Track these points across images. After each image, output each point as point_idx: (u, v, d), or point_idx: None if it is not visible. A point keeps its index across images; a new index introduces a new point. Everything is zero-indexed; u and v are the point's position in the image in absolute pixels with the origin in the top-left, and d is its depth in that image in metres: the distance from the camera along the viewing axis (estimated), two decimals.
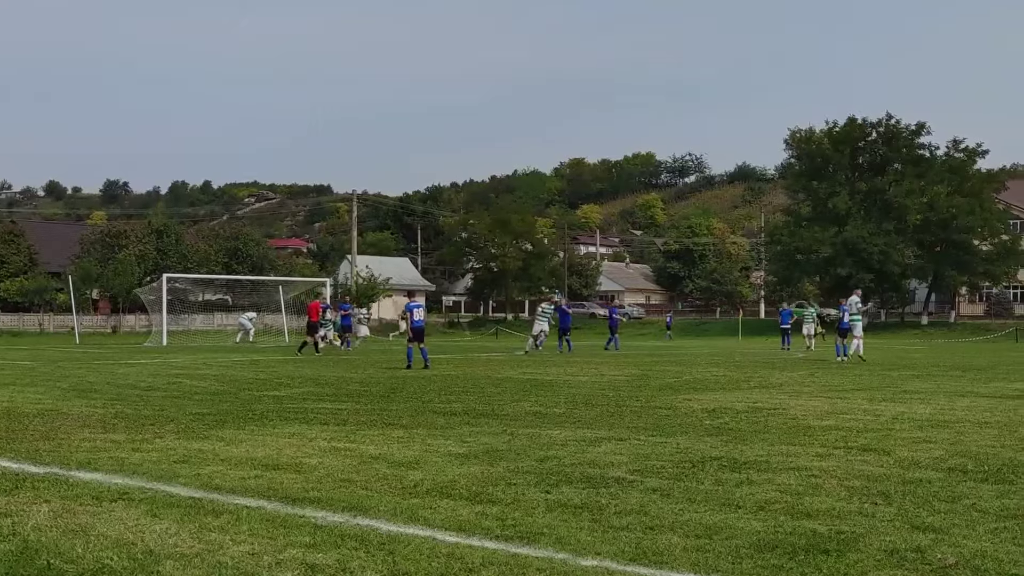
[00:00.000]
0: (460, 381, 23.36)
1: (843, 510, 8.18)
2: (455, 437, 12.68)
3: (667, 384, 22.66)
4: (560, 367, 29.75)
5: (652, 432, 13.33)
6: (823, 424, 14.47)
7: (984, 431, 13.61)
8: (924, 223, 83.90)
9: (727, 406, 17.21)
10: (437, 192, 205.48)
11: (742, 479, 9.63)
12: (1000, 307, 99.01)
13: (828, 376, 25.86)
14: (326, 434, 13.01)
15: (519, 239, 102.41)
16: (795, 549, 6.90)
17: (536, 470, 10.09)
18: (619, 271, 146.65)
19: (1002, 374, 26.85)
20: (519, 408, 16.69)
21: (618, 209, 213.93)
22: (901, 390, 21.16)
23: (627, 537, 7.25)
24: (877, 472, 10.07)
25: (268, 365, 30.56)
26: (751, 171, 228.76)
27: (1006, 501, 8.56)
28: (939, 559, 6.65)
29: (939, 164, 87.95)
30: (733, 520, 7.79)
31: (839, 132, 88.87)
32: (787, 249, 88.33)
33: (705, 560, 6.65)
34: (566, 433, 13.12)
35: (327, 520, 7.77)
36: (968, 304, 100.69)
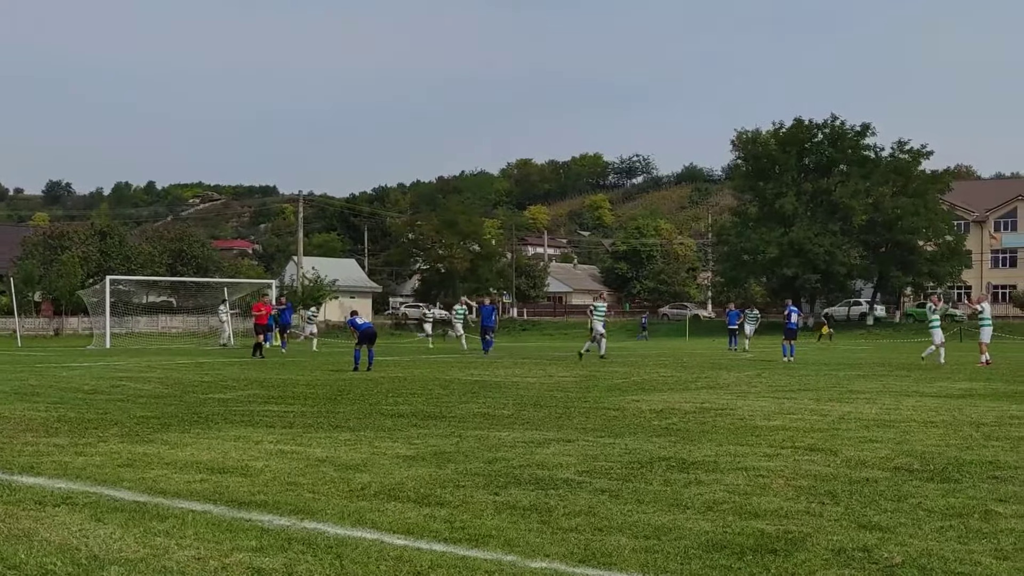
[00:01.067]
0: (408, 383, 23.28)
1: (791, 510, 8.21)
2: (403, 439, 12.62)
3: (615, 385, 22.69)
4: (508, 368, 29.72)
5: (600, 433, 13.33)
6: (771, 424, 14.53)
7: (929, 430, 13.71)
8: (869, 224, 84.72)
9: (675, 407, 17.24)
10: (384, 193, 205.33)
11: (690, 479, 9.65)
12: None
13: (775, 376, 26.00)
14: (272, 437, 12.91)
15: (466, 240, 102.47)
16: (743, 549, 6.92)
17: (484, 472, 10.06)
18: (567, 272, 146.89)
19: (947, 374, 27.10)
20: (467, 410, 16.64)
21: (566, 210, 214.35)
22: (847, 390, 21.29)
23: (576, 538, 7.24)
24: (824, 472, 10.12)
25: (213, 367, 30.32)
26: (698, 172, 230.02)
27: (951, 500, 8.62)
28: (885, 558, 6.69)
29: (884, 165, 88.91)
30: (681, 521, 7.79)
31: (785, 133, 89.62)
32: (734, 250, 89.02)
33: (654, 561, 6.66)
34: (514, 435, 13.10)
35: (274, 524, 7.72)
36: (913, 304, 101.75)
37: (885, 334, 79.90)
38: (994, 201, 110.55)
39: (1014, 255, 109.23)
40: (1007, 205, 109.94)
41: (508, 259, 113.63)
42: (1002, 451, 11.57)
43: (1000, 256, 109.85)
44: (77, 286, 72.87)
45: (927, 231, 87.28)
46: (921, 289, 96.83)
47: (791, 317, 37.32)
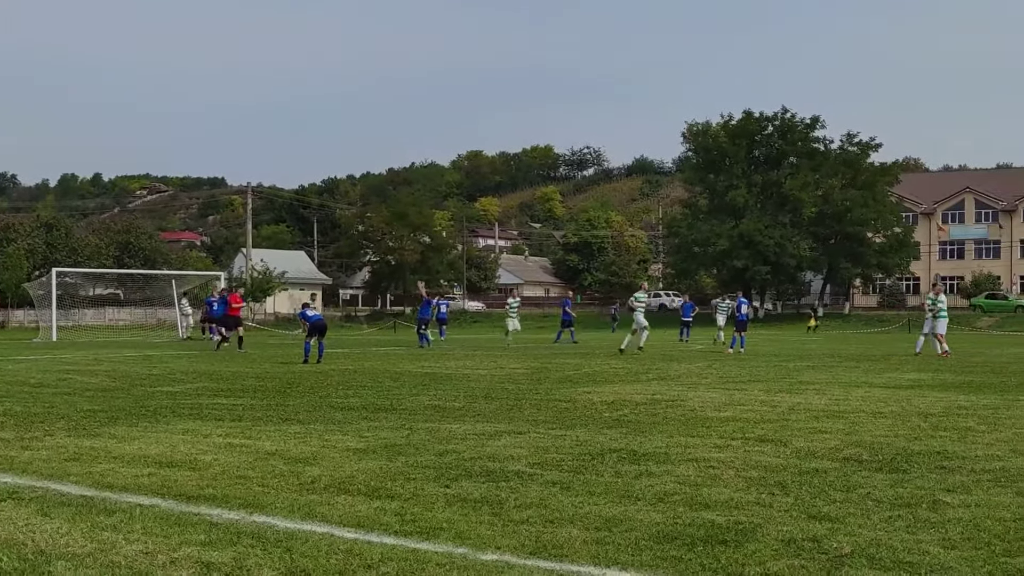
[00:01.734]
0: (358, 375, 23.19)
1: (741, 500, 8.24)
2: (353, 432, 12.56)
3: (566, 377, 22.70)
4: (459, 360, 29.68)
5: (552, 425, 13.33)
6: (721, 415, 14.58)
7: (878, 421, 13.81)
8: (819, 216, 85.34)
9: (626, 398, 17.27)
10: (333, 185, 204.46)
11: (641, 471, 9.65)
12: (893, 298, 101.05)
13: (725, 368, 26.11)
14: (221, 430, 12.82)
15: (417, 232, 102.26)
16: (694, 540, 6.93)
17: (435, 464, 10.03)
18: (518, 264, 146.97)
19: (895, 365, 27.31)
20: (418, 402, 16.59)
21: (517, 202, 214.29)
22: (797, 381, 21.41)
23: (527, 530, 7.23)
24: (774, 463, 10.16)
25: (162, 360, 30.09)
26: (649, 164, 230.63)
27: (900, 490, 8.68)
28: (835, 548, 6.72)
29: (833, 157, 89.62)
30: (632, 512, 7.80)
31: (735, 126, 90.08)
32: (685, 242, 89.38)
33: (605, 552, 6.65)
34: (465, 427, 13.07)
35: (223, 518, 7.67)
36: (862, 296, 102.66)
37: (835, 325, 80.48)
38: (942, 193, 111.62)
39: (962, 247, 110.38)
40: (955, 197, 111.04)
41: (459, 251, 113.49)
42: (950, 441, 11.66)
43: (948, 248, 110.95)
44: (23, 279, 72.15)
45: (876, 223, 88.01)
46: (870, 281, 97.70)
47: (741, 308, 37.48)
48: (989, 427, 13.06)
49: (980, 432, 12.54)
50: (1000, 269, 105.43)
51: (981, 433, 12.45)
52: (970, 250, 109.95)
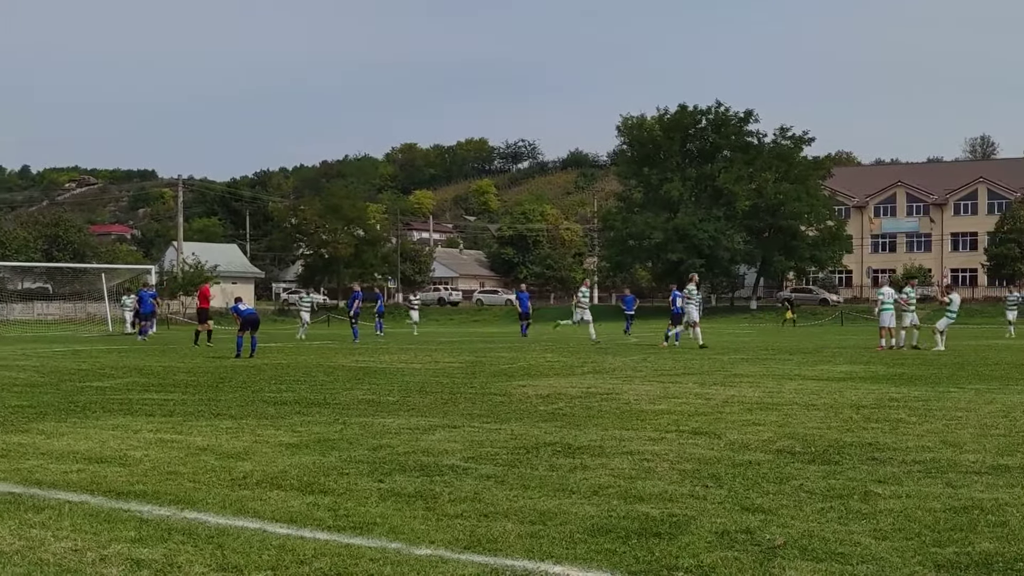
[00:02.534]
0: (291, 370, 23.07)
1: (675, 493, 8.26)
2: (286, 427, 12.48)
3: (501, 370, 22.70)
4: (394, 354, 29.61)
5: (486, 419, 13.31)
6: (655, 408, 14.62)
7: (811, 413, 13.92)
8: (753, 209, 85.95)
9: (561, 391, 17.29)
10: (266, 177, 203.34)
11: (576, 464, 9.66)
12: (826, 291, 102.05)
13: (660, 361, 26.22)
14: (152, 425, 12.70)
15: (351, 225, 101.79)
16: (628, 533, 6.93)
17: (369, 459, 9.98)
18: (453, 257, 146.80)
19: (828, 357, 27.55)
20: (352, 397, 16.52)
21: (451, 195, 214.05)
22: (731, 374, 21.54)
23: (461, 525, 7.21)
24: (708, 455, 10.20)
25: (91, 355, 29.75)
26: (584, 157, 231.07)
27: (832, 481, 8.74)
28: (768, 540, 6.75)
29: (767, 151, 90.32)
30: (567, 505, 7.79)
31: (670, 119, 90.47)
32: (620, 235, 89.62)
33: (539, 546, 6.64)
34: (399, 421, 13.02)
35: (153, 514, 7.59)
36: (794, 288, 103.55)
37: (768, 318, 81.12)
38: (874, 187, 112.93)
39: (893, 240, 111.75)
40: (886, 191, 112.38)
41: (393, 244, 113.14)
42: (881, 433, 11.77)
43: (880, 241, 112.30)
44: None
45: (809, 216, 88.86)
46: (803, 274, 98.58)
47: (675, 302, 37.61)
48: (920, 418, 13.20)
49: (911, 423, 12.67)
50: (931, 262, 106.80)
51: (912, 424, 12.58)
52: (902, 243, 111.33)
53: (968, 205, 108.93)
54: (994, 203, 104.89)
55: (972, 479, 8.86)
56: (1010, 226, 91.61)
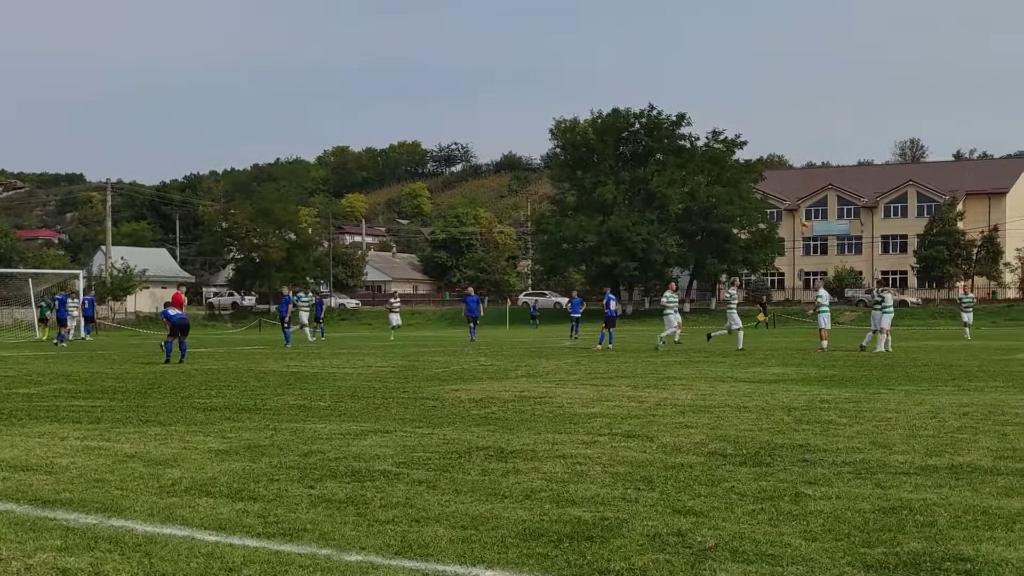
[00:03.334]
0: (221, 375, 22.87)
1: (607, 496, 8.27)
2: (215, 433, 12.37)
3: (434, 375, 22.64)
4: (325, 359, 29.45)
5: (419, 424, 13.26)
6: (589, 412, 14.65)
7: (743, 415, 14.01)
8: (686, 212, 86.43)
9: (494, 396, 17.28)
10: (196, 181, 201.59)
11: (508, 468, 9.65)
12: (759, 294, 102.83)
13: (594, 364, 26.29)
14: (79, 433, 12.54)
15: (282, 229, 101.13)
16: (560, 537, 6.93)
17: (300, 465, 9.91)
18: (386, 261, 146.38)
19: (760, 360, 27.73)
20: (282, 402, 16.41)
21: (384, 198, 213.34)
22: (664, 376, 21.63)
23: (392, 530, 7.19)
24: (640, 458, 10.22)
25: (18, 362, 29.32)
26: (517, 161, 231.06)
27: (763, 483, 8.79)
28: (699, 542, 6.77)
29: (699, 155, 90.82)
30: (499, 510, 7.79)
31: (603, 122, 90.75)
32: (553, 238, 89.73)
33: (471, 551, 6.64)
34: (331, 426, 12.94)
35: (80, 522, 7.51)
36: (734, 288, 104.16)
37: (702, 320, 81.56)
38: (805, 190, 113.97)
39: (824, 242, 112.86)
40: (818, 194, 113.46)
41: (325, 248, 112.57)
42: (812, 435, 11.86)
43: (811, 244, 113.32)
44: None
45: (741, 219, 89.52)
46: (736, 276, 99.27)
47: (609, 305, 37.72)
48: (850, 420, 13.33)
49: (841, 425, 12.79)
50: (862, 264, 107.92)
51: (842, 426, 12.69)
52: (833, 246, 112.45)
53: (898, 208, 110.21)
54: (923, 206, 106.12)
55: (901, 480, 8.94)
56: (939, 228, 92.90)
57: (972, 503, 7.92)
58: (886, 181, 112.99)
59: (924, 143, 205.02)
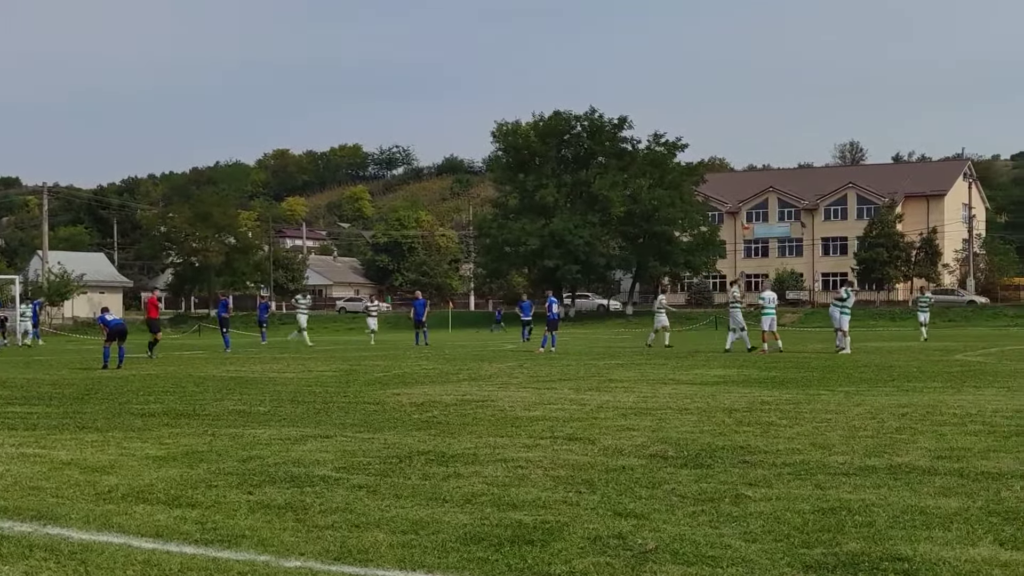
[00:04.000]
0: (160, 381, 22.64)
1: (548, 500, 8.26)
2: (153, 439, 12.24)
3: (375, 379, 22.56)
4: (266, 364, 29.27)
5: (359, 428, 13.20)
6: (531, 415, 14.64)
7: (684, 417, 14.05)
8: (628, 215, 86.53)
9: (436, 399, 17.23)
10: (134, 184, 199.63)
11: (449, 472, 9.62)
12: (700, 296, 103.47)
13: (536, 367, 26.29)
14: (14, 440, 12.38)
15: (221, 233, 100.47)
16: (501, 541, 6.92)
17: (238, 471, 9.83)
18: (327, 264, 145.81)
19: (702, 361, 27.88)
20: (221, 407, 16.28)
21: (325, 202, 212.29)
22: (606, 379, 21.68)
23: (332, 536, 7.15)
24: (582, 461, 10.22)
25: None
26: (459, 163, 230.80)
27: (704, 485, 8.81)
28: (640, 544, 6.77)
29: (641, 158, 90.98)
30: (440, 514, 7.76)
31: (544, 125, 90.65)
32: (496, 241, 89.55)
33: (411, 556, 6.61)
34: (270, 432, 12.85)
35: (14, 530, 7.43)
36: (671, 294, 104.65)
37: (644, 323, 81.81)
38: (746, 193, 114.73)
39: (766, 245, 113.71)
40: (758, 196, 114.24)
41: (265, 252, 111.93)
42: (753, 436, 11.92)
43: (752, 246, 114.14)
44: None
45: (683, 222, 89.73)
46: (678, 279, 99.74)
47: (551, 308, 37.73)
48: (791, 421, 13.41)
49: (782, 426, 12.87)
50: (803, 266, 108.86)
51: (783, 427, 12.77)
52: (774, 248, 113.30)
53: (838, 210, 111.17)
54: (863, 208, 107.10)
55: (840, 480, 9.00)
56: (878, 231, 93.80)
57: (910, 503, 7.98)
58: (826, 184, 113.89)
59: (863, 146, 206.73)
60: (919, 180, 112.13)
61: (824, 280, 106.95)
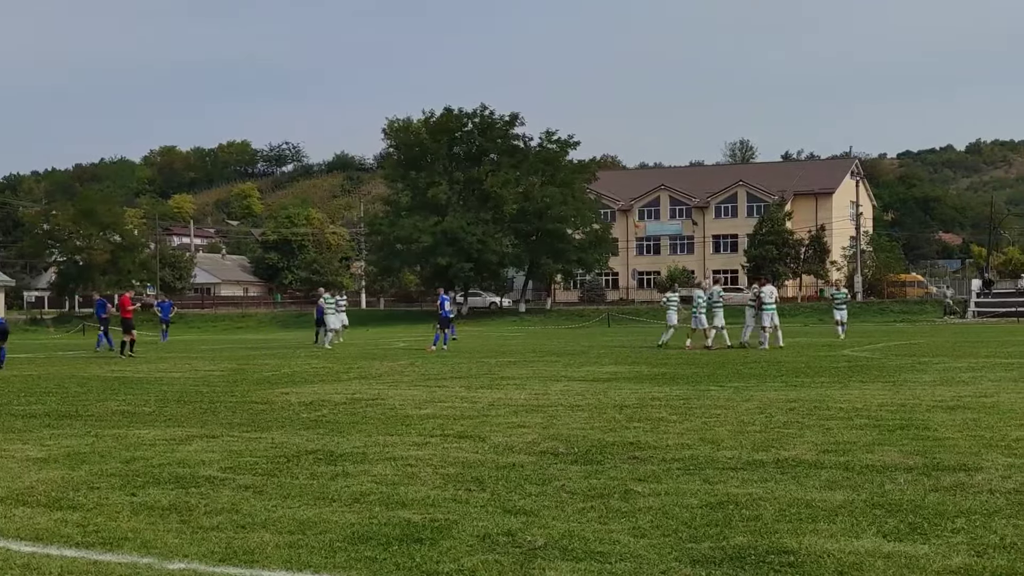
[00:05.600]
0: (42, 381, 22.17)
1: (437, 498, 8.22)
2: (34, 441, 11.97)
3: (264, 378, 22.31)
4: (152, 363, 28.81)
5: (246, 428, 13.04)
6: (421, 413, 14.58)
7: (575, 414, 14.09)
8: (520, 213, 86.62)
9: (325, 398, 17.09)
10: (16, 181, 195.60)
11: (337, 472, 9.54)
12: (593, 293, 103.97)
13: (428, 365, 26.22)
14: None
15: (106, 231, 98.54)
16: (389, 540, 6.88)
17: (122, 472, 9.65)
18: (215, 263, 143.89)
19: (594, 358, 28.02)
20: (105, 408, 15.98)
21: (213, 199, 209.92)
22: (498, 377, 21.69)
23: (217, 537, 7.06)
24: (472, 458, 10.19)
25: None
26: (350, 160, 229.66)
27: (593, 481, 8.83)
28: (529, 541, 6.76)
29: (533, 155, 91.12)
30: (327, 514, 7.69)
31: (436, 122, 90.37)
32: (387, 239, 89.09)
33: (298, 556, 6.56)
34: (155, 432, 12.63)
35: None
36: (563, 291, 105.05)
37: (536, 321, 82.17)
38: (638, 191, 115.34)
39: (657, 242, 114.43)
40: (650, 194, 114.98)
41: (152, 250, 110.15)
42: (643, 432, 11.98)
43: (644, 244, 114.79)
44: None
45: (575, 220, 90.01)
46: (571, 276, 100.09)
47: (444, 305, 37.63)
48: (680, 417, 13.52)
49: (672, 422, 12.96)
50: (694, 264, 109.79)
51: (673, 423, 12.86)
52: (665, 246, 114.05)
53: (728, 208, 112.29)
54: (753, 206, 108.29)
55: (728, 475, 9.08)
56: (768, 228, 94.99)
57: (796, 496, 8.08)
58: (717, 182, 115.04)
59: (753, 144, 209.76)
60: (808, 178, 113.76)
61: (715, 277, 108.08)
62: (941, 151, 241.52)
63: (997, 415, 13.18)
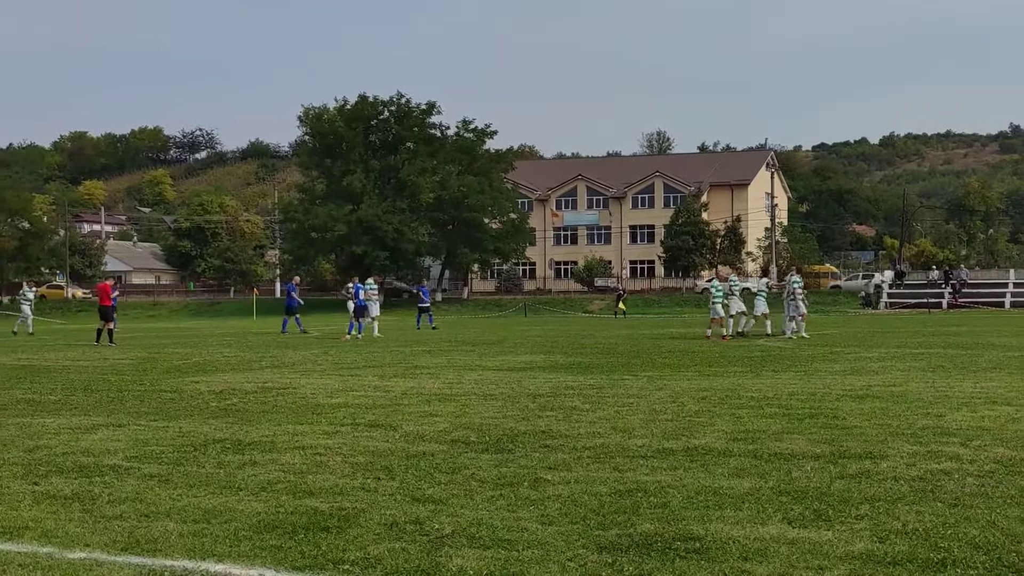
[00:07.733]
0: None
1: (346, 486, 8.17)
2: None
3: (175, 367, 22.04)
4: (60, 351, 28.36)
5: (154, 417, 12.87)
6: (333, 402, 14.50)
7: (488, 403, 14.07)
8: (437, 202, 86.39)
9: (236, 387, 16.93)
10: None
11: (245, 460, 9.45)
12: (510, 283, 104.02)
13: (342, 354, 26.08)
14: None
15: (14, 217, 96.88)
16: (295, 528, 6.84)
17: (24, 461, 9.50)
18: (126, 250, 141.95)
19: (509, 348, 28.04)
20: (9, 396, 15.73)
21: (124, 185, 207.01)
22: (412, 366, 21.62)
23: (120, 526, 6.98)
24: (382, 447, 10.14)
25: None
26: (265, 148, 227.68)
27: (503, 470, 8.82)
28: (436, 530, 6.74)
29: (450, 144, 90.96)
30: (234, 503, 7.62)
31: (351, 110, 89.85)
32: (302, 227, 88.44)
33: (202, 545, 6.49)
34: (60, 421, 12.43)
35: None
36: (480, 281, 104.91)
37: (453, 310, 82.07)
38: (556, 180, 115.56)
39: (575, 232, 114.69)
40: (568, 184, 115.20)
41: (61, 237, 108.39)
42: (555, 421, 11.99)
43: (562, 233, 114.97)
44: None
45: (492, 209, 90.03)
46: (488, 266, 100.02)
47: (358, 294, 37.42)
48: (593, 406, 13.55)
49: (584, 411, 12.99)
50: (611, 254, 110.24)
51: (585, 412, 12.89)
52: (583, 235, 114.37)
53: (645, 199, 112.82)
54: (670, 196, 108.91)
55: (638, 463, 9.11)
56: (684, 219, 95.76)
57: (704, 484, 8.12)
58: (634, 172, 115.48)
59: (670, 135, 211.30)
60: (724, 170, 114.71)
61: (632, 268, 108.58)
62: (855, 144, 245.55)
63: (904, 404, 13.36)
